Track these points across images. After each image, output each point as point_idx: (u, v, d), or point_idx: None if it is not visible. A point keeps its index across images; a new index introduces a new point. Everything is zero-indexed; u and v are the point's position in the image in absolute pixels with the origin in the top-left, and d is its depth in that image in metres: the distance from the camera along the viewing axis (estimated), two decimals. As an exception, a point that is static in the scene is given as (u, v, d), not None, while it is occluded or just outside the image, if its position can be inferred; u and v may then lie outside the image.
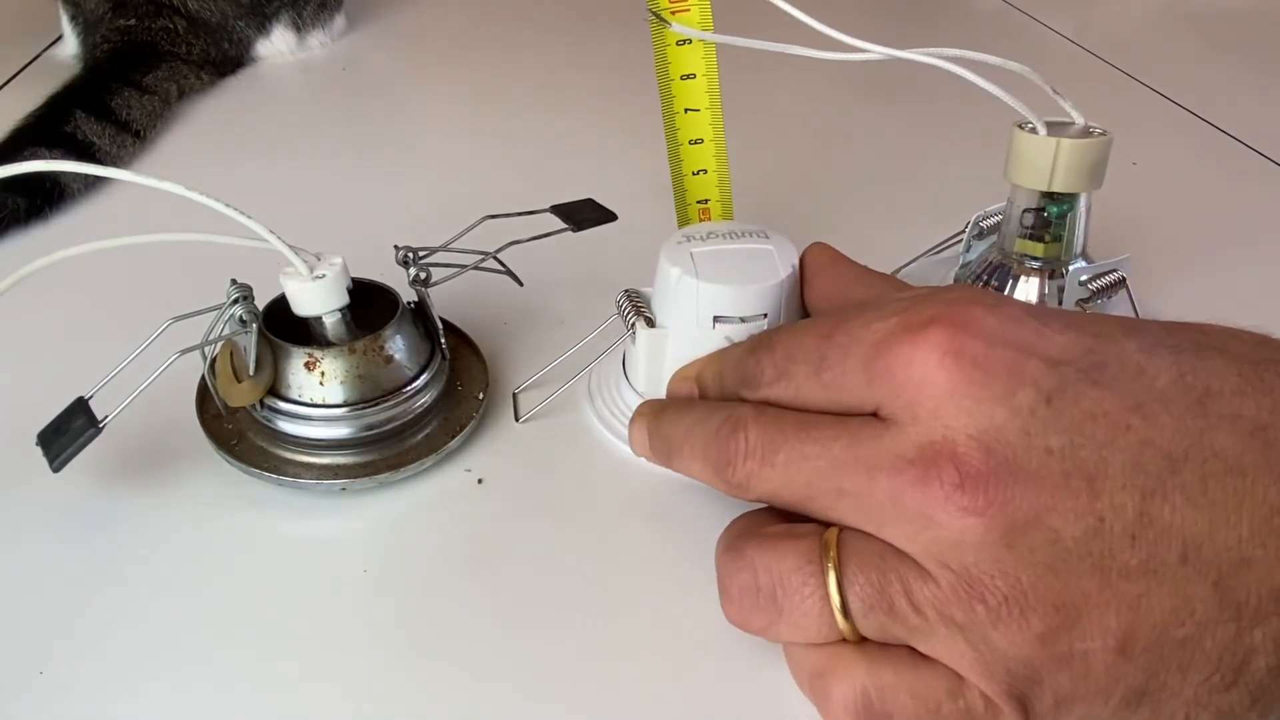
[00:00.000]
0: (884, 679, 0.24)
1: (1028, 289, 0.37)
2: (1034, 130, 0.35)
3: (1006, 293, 0.38)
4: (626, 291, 0.35)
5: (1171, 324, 0.25)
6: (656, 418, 0.30)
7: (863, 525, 0.24)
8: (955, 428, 0.22)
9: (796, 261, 0.32)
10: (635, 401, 0.34)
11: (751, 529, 0.26)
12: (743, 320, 0.31)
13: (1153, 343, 0.23)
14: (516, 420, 0.36)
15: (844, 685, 0.24)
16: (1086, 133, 0.35)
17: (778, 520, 0.27)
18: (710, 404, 0.28)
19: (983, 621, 0.22)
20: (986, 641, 0.22)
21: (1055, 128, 0.36)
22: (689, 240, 0.33)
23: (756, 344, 0.28)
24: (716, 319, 0.31)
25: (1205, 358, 0.23)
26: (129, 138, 0.56)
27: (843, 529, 0.24)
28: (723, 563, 0.26)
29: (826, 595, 0.24)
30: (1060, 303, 0.37)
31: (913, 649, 0.24)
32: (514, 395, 0.37)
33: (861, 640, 0.24)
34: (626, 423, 0.32)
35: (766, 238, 0.33)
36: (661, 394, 0.33)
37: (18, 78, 0.66)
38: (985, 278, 0.38)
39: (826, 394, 0.25)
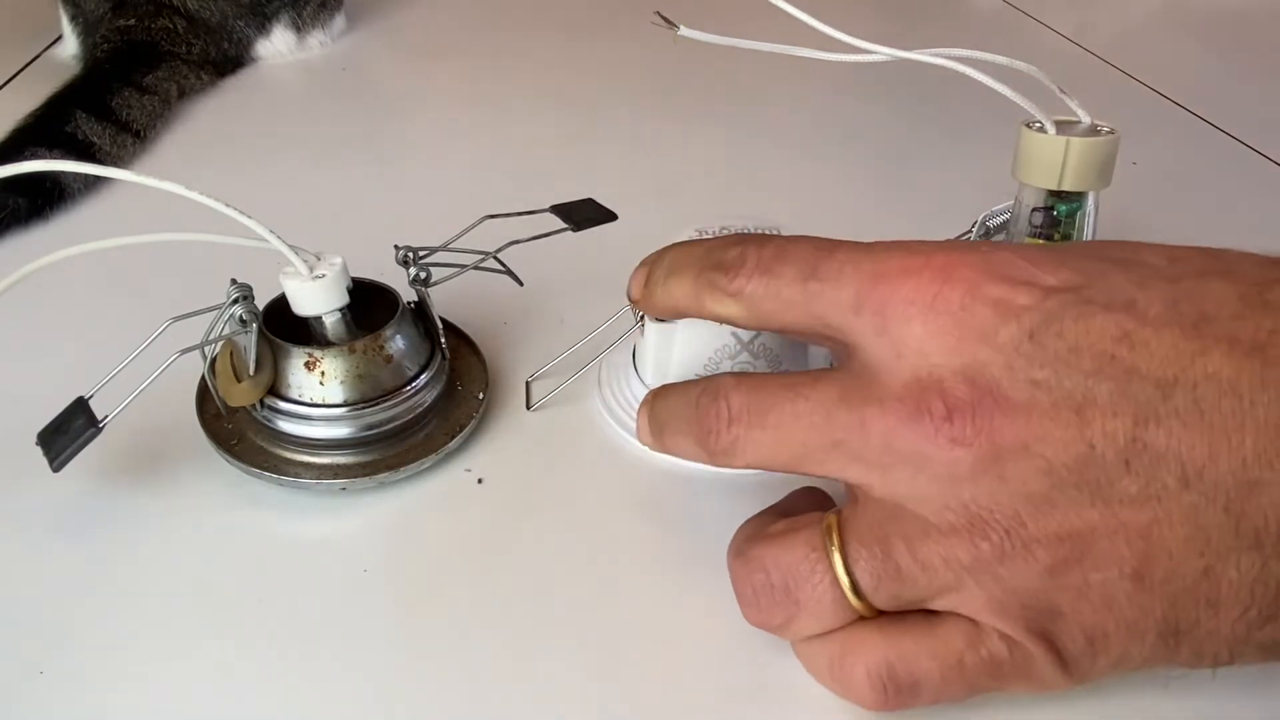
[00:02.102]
0: (904, 648, 0.24)
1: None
2: (1042, 129, 0.35)
3: None
4: None
5: (1178, 251, 0.24)
6: (652, 402, 0.30)
7: (862, 477, 0.24)
8: (941, 364, 0.23)
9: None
10: (643, 394, 0.34)
11: (757, 532, 0.26)
12: None
13: (1148, 274, 0.23)
14: (528, 408, 0.36)
15: (866, 662, 0.24)
16: (1094, 131, 0.35)
17: (779, 520, 0.26)
18: (693, 380, 0.28)
19: (988, 559, 0.22)
20: (996, 579, 0.22)
21: (1063, 127, 0.36)
22: (701, 235, 0.33)
23: (742, 238, 0.27)
24: None
25: (1206, 282, 0.22)
26: (129, 138, 0.55)
27: (840, 513, 0.24)
28: (734, 568, 0.26)
29: (836, 579, 0.24)
30: None
31: (926, 614, 0.24)
32: (527, 384, 0.37)
33: (876, 615, 0.24)
34: (634, 415, 0.32)
35: (780, 233, 0.33)
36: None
37: (18, 78, 0.66)
38: None
39: (808, 303, 0.25)
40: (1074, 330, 0.22)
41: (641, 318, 0.33)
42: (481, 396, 0.35)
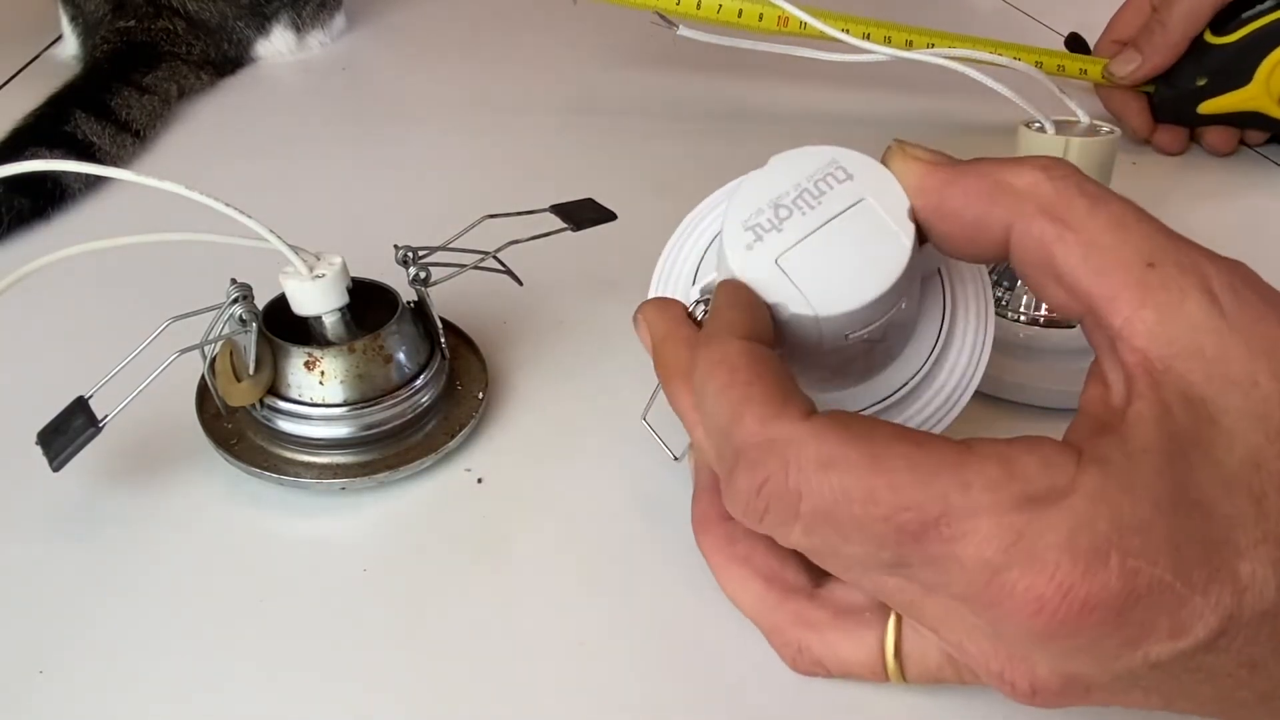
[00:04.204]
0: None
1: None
2: (1041, 129, 0.35)
3: (1015, 293, 0.37)
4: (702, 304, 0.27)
5: None
6: (666, 368, 0.25)
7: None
8: (1039, 660, 0.21)
9: (905, 201, 0.25)
10: None
11: (790, 605, 0.25)
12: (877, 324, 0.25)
13: None
14: (676, 459, 0.30)
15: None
16: (1094, 131, 0.36)
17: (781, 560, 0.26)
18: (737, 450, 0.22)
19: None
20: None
21: (1062, 126, 0.36)
22: (758, 234, 0.24)
23: (757, 459, 0.21)
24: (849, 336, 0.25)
25: None
26: (129, 137, 0.55)
27: (900, 629, 0.24)
28: (777, 643, 0.26)
29: (889, 678, 0.24)
30: None
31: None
32: (647, 423, 0.30)
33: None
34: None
35: (849, 177, 0.25)
36: None
37: (18, 78, 0.66)
38: (994, 279, 0.38)
39: (889, 598, 0.22)
40: (1200, 662, 0.20)
41: None
42: (481, 396, 0.35)
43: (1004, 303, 0.38)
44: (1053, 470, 0.20)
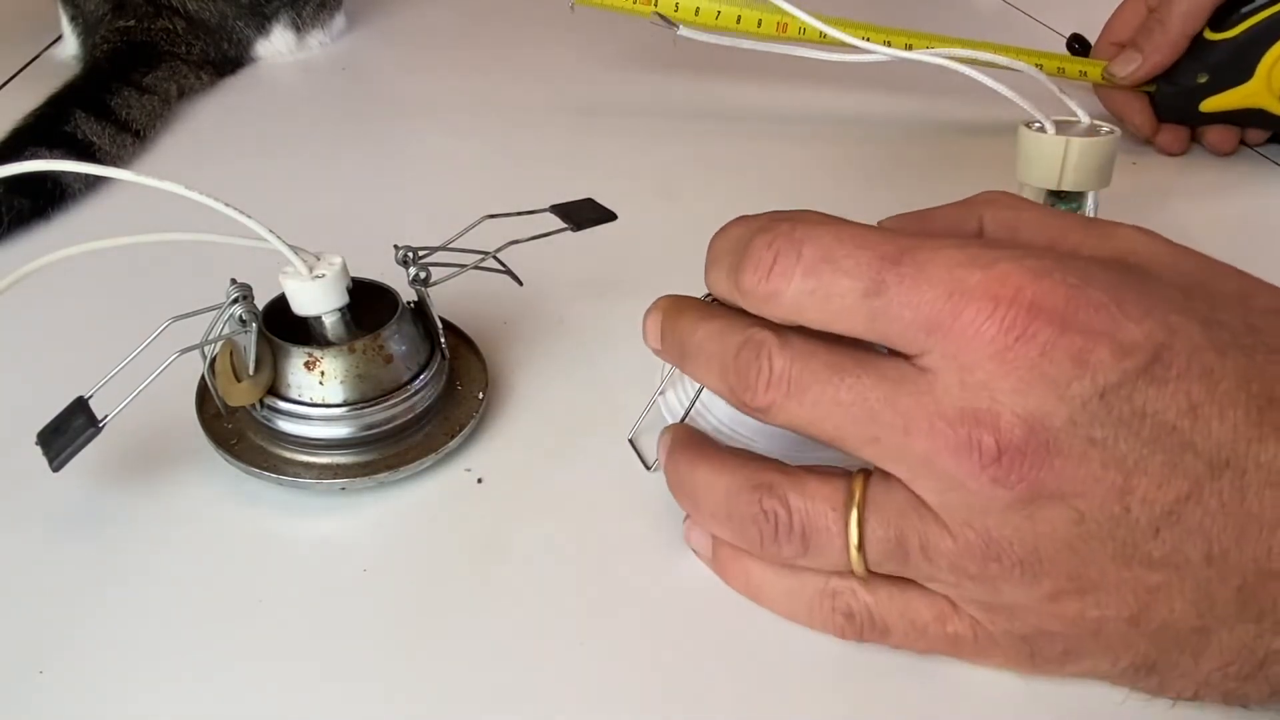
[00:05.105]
0: (879, 597, 0.26)
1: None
2: (1042, 129, 0.35)
3: None
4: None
5: (1267, 303, 0.24)
6: (673, 318, 0.29)
7: (894, 470, 0.24)
8: (1003, 402, 0.22)
9: None
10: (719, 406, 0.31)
11: (763, 463, 0.27)
12: None
13: (1228, 339, 0.22)
14: (649, 469, 0.33)
15: (850, 604, 0.26)
16: (1094, 131, 0.36)
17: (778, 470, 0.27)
18: (729, 316, 0.27)
19: (994, 577, 0.23)
20: (994, 593, 0.23)
21: (1063, 126, 0.36)
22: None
23: (767, 224, 0.26)
24: None
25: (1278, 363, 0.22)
26: (129, 137, 0.55)
27: (869, 481, 0.25)
28: (743, 493, 0.26)
29: (848, 542, 0.25)
30: None
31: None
32: (631, 443, 0.34)
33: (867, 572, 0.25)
34: (695, 413, 0.31)
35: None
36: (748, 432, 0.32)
37: (18, 78, 0.66)
38: None
39: (870, 320, 0.24)
40: (1144, 396, 0.22)
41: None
42: (481, 396, 0.35)
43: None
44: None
